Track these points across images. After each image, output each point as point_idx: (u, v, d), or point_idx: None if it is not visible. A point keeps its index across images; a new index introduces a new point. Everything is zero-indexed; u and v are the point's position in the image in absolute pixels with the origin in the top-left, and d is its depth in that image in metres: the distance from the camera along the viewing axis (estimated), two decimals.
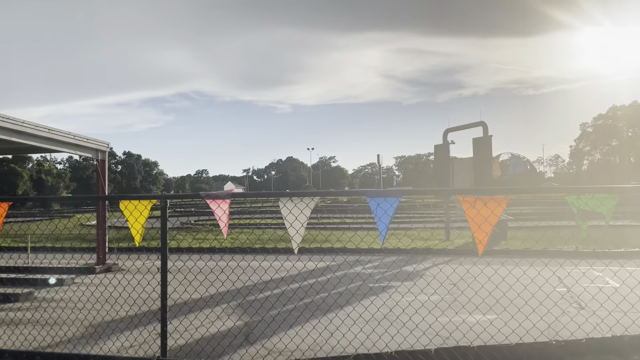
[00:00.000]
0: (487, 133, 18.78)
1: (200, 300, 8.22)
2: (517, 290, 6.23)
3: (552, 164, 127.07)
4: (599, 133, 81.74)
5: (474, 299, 6.14)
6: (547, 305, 6.14)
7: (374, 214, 3.03)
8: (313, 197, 3.16)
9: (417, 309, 6.32)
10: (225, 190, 3.34)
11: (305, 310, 7.40)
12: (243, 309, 7.83)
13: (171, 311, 7.37)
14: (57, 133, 12.69)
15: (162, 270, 3.46)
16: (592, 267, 11.20)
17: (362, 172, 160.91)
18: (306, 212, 3.21)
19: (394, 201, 2.99)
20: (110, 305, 7.05)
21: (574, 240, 15.49)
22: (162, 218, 3.41)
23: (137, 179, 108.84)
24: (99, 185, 14.11)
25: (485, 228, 2.83)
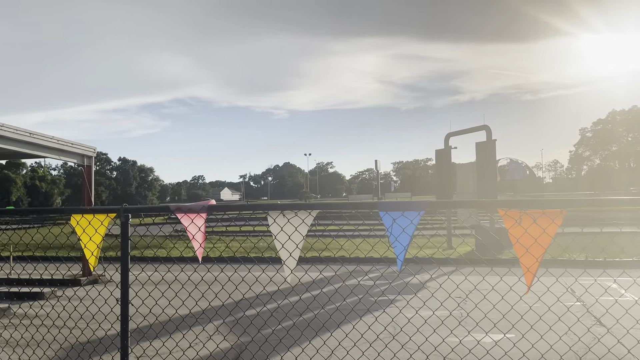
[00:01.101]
0: (491, 137, 18.15)
1: (184, 318, 7.49)
2: (531, 304, 5.56)
3: (551, 169, 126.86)
4: (598, 138, 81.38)
5: (484, 314, 5.48)
6: (564, 321, 5.47)
7: (388, 233, 2.36)
8: (310, 212, 2.48)
9: (419, 326, 5.62)
10: (200, 203, 2.66)
11: (302, 328, 6.69)
12: (230, 328, 7.12)
13: (152, 330, 6.66)
14: (40, 137, 11.99)
15: (122, 295, 2.77)
16: (605, 278, 10.54)
17: (359, 177, 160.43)
18: (302, 230, 2.53)
19: (414, 216, 2.31)
20: (85, 324, 6.32)
21: (585, 248, 14.83)
22: (122, 236, 2.73)
23: (132, 185, 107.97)
24: (85, 192, 13.39)
25: (535, 252, 2.16)
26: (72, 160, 13.57)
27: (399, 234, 2.34)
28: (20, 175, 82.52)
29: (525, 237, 2.19)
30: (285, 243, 2.57)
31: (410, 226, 2.35)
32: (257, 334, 6.60)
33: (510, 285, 3.72)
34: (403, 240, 2.35)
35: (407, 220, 2.34)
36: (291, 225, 2.53)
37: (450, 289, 6.34)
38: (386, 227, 2.39)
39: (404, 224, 2.35)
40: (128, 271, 2.73)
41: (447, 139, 20.67)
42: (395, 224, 2.36)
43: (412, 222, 2.35)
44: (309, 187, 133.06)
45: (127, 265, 2.71)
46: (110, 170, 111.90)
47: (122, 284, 2.73)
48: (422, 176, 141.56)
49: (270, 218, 2.59)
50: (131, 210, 2.72)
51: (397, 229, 2.36)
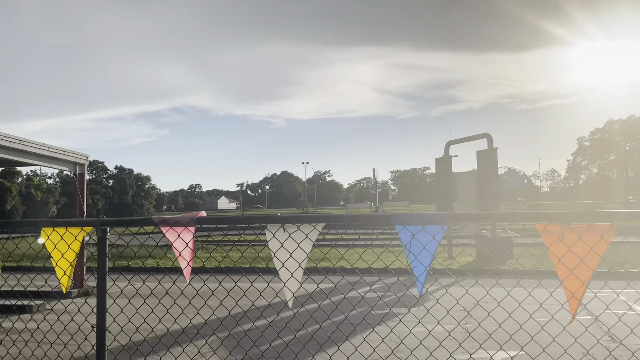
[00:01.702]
0: (492, 145, 17.85)
1: (175, 336, 7.09)
2: (540, 318, 5.22)
3: (549, 178, 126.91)
4: (596, 147, 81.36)
5: (490, 329, 5.12)
6: (577, 337, 5.11)
7: (406, 250, 2.01)
8: (315, 225, 2.12)
9: (421, 341, 5.23)
10: (188, 214, 2.32)
11: (299, 345, 6.30)
12: (222, 344, 6.73)
13: (138, 348, 6.26)
14: (30, 145, 11.63)
15: (98, 321, 2.42)
16: (608, 290, 10.18)
17: (357, 186, 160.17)
18: (306, 246, 2.18)
19: (436, 231, 1.97)
20: (71, 339, 5.92)
21: None
22: (99, 253, 2.38)
23: (128, 193, 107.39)
24: (77, 200, 13.01)
25: (581, 274, 1.82)
26: (64, 168, 13.20)
27: (419, 252, 2.01)
28: (15, 183, 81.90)
29: (569, 256, 1.86)
30: (286, 262, 2.22)
31: (432, 243, 2.01)
32: (251, 350, 6.22)
33: (516, 298, 3.38)
34: (424, 259, 2.01)
35: (428, 236, 2.01)
36: (293, 241, 2.19)
37: (453, 302, 5.96)
38: (403, 244, 2.05)
39: (425, 239, 2.01)
40: (105, 292, 2.39)
41: (447, 147, 20.36)
42: (415, 240, 2.02)
43: (435, 237, 2.01)
44: (306, 195, 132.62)
45: (104, 285, 2.37)
46: (107, 179, 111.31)
47: (99, 308, 2.38)
48: (420, 185, 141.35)
49: (269, 232, 2.24)
50: (109, 223, 2.38)
51: (416, 245, 2.02)
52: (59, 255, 2.43)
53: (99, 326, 2.32)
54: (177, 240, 2.34)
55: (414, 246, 2.03)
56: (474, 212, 2.73)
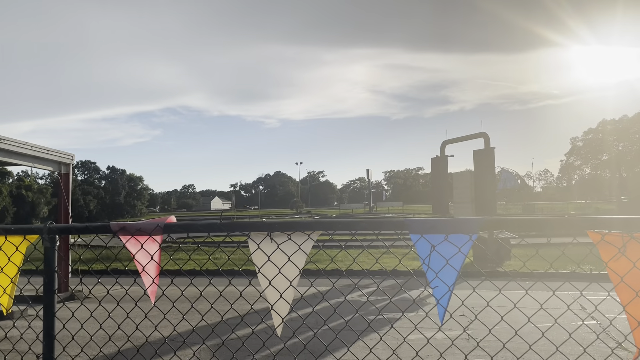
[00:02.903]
0: (489, 144, 17.51)
1: (163, 342, 6.63)
2: (542, 324, 4.83)
3: (541, 179, 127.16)
4: (589, 147, 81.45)
5: (498, 336, 4.72)
6: (582, 342, 4.74)
7: (424, 267, 1.59)
8: (310, 234, 1.69)
9: (422, 348, 4.82)
10: (154, 220, 1.88)
11: (294, 354, 5.86)
12: (212, 352, 6.27)
13: (119, 357, 5.79)
14: (10, 143, 11.11)
15: (45, 340, 1.98)
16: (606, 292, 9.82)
17: (350, 186, 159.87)
18: (298, 260, 1.74)
19: (462, 241, 1.56)
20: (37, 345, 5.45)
21: (586, 260, 14.18)
22: (46, 267, 1.95)
23: (121, 194, 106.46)
24: (61, 202, 12.51)
25: None
26: (48, 168, 12.68)
27: (441, 269, 1.59)
28: (6, 184, 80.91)
29: (633, 274, 1.45)
30: (273, 279, 1.79)
31: (458, 257, 1.59)
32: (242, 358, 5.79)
33: (514, 301, 2.97)
34: (447, 277, 1.59)
35: (452, 247, 1.59)
36: (283, 254, 1.76)
37: (453, 305, 5.60)
38: (420, 258, 1.63)
39: (449, 252, 1.59)
40: (54, 317, 1.95)
41: (443, 147, 19.99)
42: (435, 252, 1.60)
43: (461, 250, 1.59)
44: (300, 196, 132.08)
45: (53, 307, 1.93)
46: (99, 180, 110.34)
47: (46, 334, 1.94)
48: (414, 185, 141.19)
49: (253, 242, 1.81)
50: (57, 230, 1.95)
51: (437, 260, 1.60)
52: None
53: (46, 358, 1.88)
54: (141, 252, 1.91)
55: (434, 261, 1.61)
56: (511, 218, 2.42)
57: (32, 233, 2.01)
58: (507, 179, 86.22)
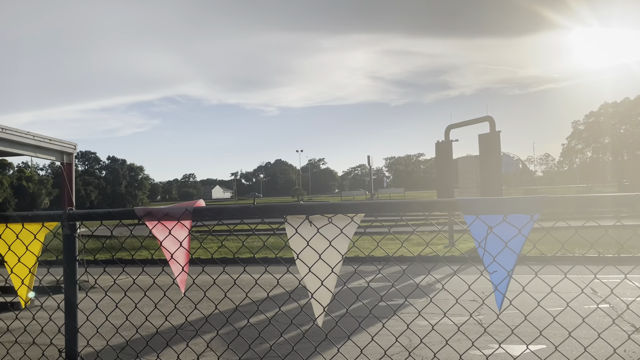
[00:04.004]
0: (495, 128, 17.35)
1: (174, 330, 6.54)
2: (554, 307, 4.75)
3: (543, 163, 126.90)
4: (591, 131, 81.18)
5: (507, 321, 4.62)
6: (598, 327, 4.65)
7: (480, 251, 1.47)
8: (353, 217, 1.56)
9: (433, 335, 4.72)
10: (182, 204, 1.76)
11: (306, 340, 5.78)
12: (216, 345, 6.20)
13: (125, 350, 5.70)
14: (13, 133, 10.97)
15: (67, 333, 1.87)
16: (620, 275, 9.73)
17: (351, 174, 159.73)
18: (340, 245, 1.63)
19: (523, 222, 1.44)
20: (59, 338, 5.37)
21: (597, 242, 14.07)
22: (66, 255, 1.83)
23: (122, 184, 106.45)
24: (64, 191, 12.40)
25: None
26: (50, 158, 12.56)
27: (500, 252, 1.47)
28: (6, 175, 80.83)
29: None
30: (313, 266, 1.67)
31: (518, 238, 1.47)
32: (259, 348, 5.69)
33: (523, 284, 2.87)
34: (506, 261, 1.47)
35: (511, 229, 1.47)
36: (323, 239, 1.64)
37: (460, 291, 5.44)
38: (476, 241, 1.51)
39: (507, 234, 1.47)
40: (76, 311, 1.84)
41: (448, 131, 19.83)
42: (493, 234, 1.48)
43: (521, 231, 1.47)
44: (301, 184, 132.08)
45: (75, 298, 1.82)
46: (99, 170, 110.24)
47: (67, 329, 1.82)
48: (415, 171, 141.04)
49: (290, 226, 1.68)
50: (78, 216, 1.82)
51: (495, 242, 1.48)
52: (15, 260, 1.88)
53: (69, 352, 1.77)
54: (169, 239, 1.79)
55: (491, 244, 1.49)
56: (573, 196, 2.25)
57: (51, 220, 1.89)
58: (508, 163, 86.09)
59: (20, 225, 1.90)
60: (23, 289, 1.97)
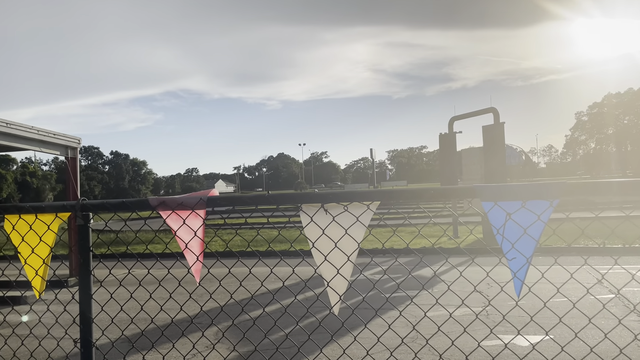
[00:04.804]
0: (499, 119, 17.28)
1: (189, 320, 6.58)
2: (558, 299, 4.74)
3: (546, 155, 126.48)
4: (594, 122, 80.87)
5: (513, 312, 4.63)
6: (603, 318, 4.63)
7: (498, 237, 1.45)
8: (369, 205, 1.55)
9: (439, 326, 4.74)
10: (196, 194, 1.75)
11: (311, 332, 5.79)
12: (230, 336, 6.21)
13: (141, 340, 5.73)
14: (17, 128, 10.98)
15: (82, 323, 1.87)
16: (628, 266, 9.71)
17: (354, 167, 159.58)
18: (356, 233, 1.62)
19: (542, 208, 1.42)
20: (65, 333, 5.40)
21: (598, 234, 14.07)
22: (80, 245, 1.82)
23: (125, 179, 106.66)
24: (69, 186, 12.42)
25: None
26: (55, 152, 12.58)
27: (518, 239, 1.45)
28: (10, 171, 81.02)
29: None
30: (329, 254, 1.66)
31: (537, 225, 1.46)
32: (262, 340, 5.71)
33: (534, 276, 2.86)
34: (525, 247, 1.46)
35: (530, 215, 1.45)
36: (339, 227, 1.63)
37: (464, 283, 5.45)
38: (494, 227, 1.50)
39: (526, 221, 1.46)
40: (91, 296, 1.84)
41: (451, 123, 19.76)
42: (511, 221, 1.46)
43: (540, 217, 1.45)
44: (303, 177, 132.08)
45: (90, 285, 1.81)
46: (103, 165, 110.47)
47: (83, 317, 1.82)
48: (417, 164, 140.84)
49: (305, 215, 1.67)
50: (91, 207, 1.81)
51: (513, 229, 1.46)
52: (29, 251, 1.88)
53: (85, 341, 1.76)
54: (183, 228, 1.78)
55: (510, 230, 1.48)
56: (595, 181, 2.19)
57: (64, 211, 1.88)
58: (511, 155, 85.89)
59: (34, 216, 1.89)
60: (37, 279, 1.97)
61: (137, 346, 3.34)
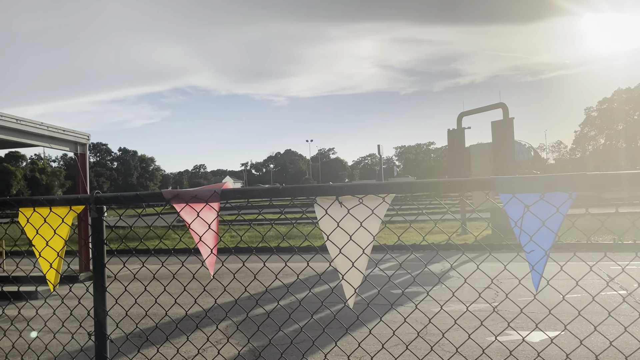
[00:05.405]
0: (508, 115, 17.19)
1: (184, 321, 6.58)
2: (572, 294, 4.71)
3: (555, 150, 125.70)
4: (604, 117, 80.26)
5: (528, 307, 4.60)
6: (615, 315, 4.59)
7: (516, 230, 1.43)
8: (384, 197, 1.54)
9: (451, 322, 4.71)
10: (209, 186, 1.74)
11: (326, 326, 5.79)
12: (243, 329, 6.23)
13: (154, 334, 5.76)
14: (28, 124, 11.06)
15: (96, 316, 1.87)
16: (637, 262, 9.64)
17: (361, 163, 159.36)
18: (372, 226, 1.61)
19: (561, 200, 1.40)
20: (78, 327, 5.43)
21: (609, 230, 13.97)
22: (94, 238, 1.83)
23: (133, 175, 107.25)
24: (79, 181, 12.50)
25: None
26: (64, 149, 12.66)
27: (537, 231, 1.43)
28: (20, 167, 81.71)
29: None
30: (344, 247, 1.65)
31: (556, 217, 1.44)
32: (275, 335, 5.71)
33: (550, 273, 2.82)
34: (543, 240, 1.44)
35: (549, 207, 1.43)
36: (354, 220, 1.62)
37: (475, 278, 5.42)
38: (511, 220, 1.48)
39: (545, 213, 1.44)
40: (105, 289, 1.84)
41: (460, 119, 19.69)
42: (529, 213, 1.45)
43: (559, 210, 1.43)
44: (311, 173, 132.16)
45: (104, 278, 1.82)
46: (111, 161, 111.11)
47: (97, 310, 1.82)
48: (425, 160, 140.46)
49: (320, 208, 1.66)
50: (105, 200, 1.81)
51: (532, 221, 1.45)
52: (43, 243, 1.89)
53: (99, 333, 1.77)
54: (197, 221, 1.78)
55: (527, 223, 1.46)
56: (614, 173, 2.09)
57: (78, 203, 1.88)
58: (520, 151, 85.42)
59: (48, 209, 1.90)
60: (51, 272, 1.97)
61: (151, 339, 3.35)
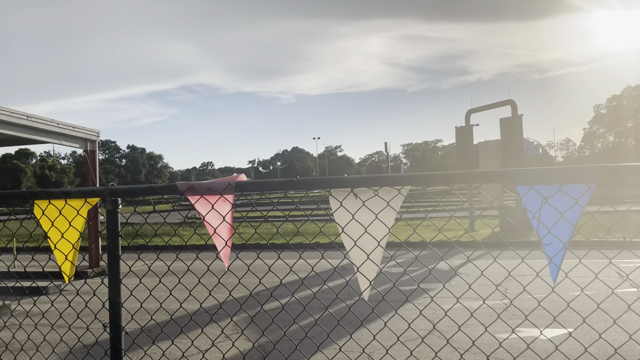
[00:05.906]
0: (517, 112, 17.10)
1: (198, 314, 6.62)
2: (576, 292, 4.68)
3: (563, 148, 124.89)
4: (613, 114, 79.63)
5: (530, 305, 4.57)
6: (622, 312, 4.54)
7: (534, 222, 1.41)
8: (400, 189, 1.53)
9: (459, 320, 4.69)
10: (224, 179, 1.75)
11: (332, 323, 5.80)
12: (258, 322, 6.25)
13: (168, 326, 5.78)
14: (38, 121, 11.13)
15: (111, 308, 1.88)
16: None
17: (368, 160, 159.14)
18: (387, 218, 1.60)
19: (580, 192, 1.38)
20: (86, 323, 5.46)
21: (618, 227, 13.88)
22: (109, 230, 1.83)
23: (141, 172, 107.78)
24: (89, 178, 12.56)
25: None
26: (75, 145, 12.73)
27: (555, 223, 1.42)
28: (30, 164, 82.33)
29: None
30: (358, 239, 1.65)
31: (575, 209, 1.42)
32: (285, 330, 5.73)
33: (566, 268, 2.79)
34: (562, 232, 1.43)
35: (567, 199, 1.42)
36: (369, 212, 1.61)
37: (485, 275, 5.41)
38: (530, 212, 1.47)
39: (563, 205, 1.42)
40: (119, 280, 1.85)
41: (468, 116, 19.62)
42: (548, 205, 1.43)
43: (578, 202, 1.42)
44: (318, 171, 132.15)
45: (118, 270, 1.82)
46: (119, 159, 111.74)
47: (112, 302, 1.83)
48: (432, 157, 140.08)
49: (335, 200, 1.66)
50: (120, 192, 1.82)
51: (550, 213, 1.43)
52: (58, 236, 1.90)
53: (114, 325, 1.78)
54: (211, 213, 1.78)
55: (546, 215, 1.45)
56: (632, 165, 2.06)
57: (93, 196, 1.89)
58: (528, 148, 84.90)
59: (63, 202, 1.91)
60: (67, 265, 1.98)
61: (166, 332, 3.36)
